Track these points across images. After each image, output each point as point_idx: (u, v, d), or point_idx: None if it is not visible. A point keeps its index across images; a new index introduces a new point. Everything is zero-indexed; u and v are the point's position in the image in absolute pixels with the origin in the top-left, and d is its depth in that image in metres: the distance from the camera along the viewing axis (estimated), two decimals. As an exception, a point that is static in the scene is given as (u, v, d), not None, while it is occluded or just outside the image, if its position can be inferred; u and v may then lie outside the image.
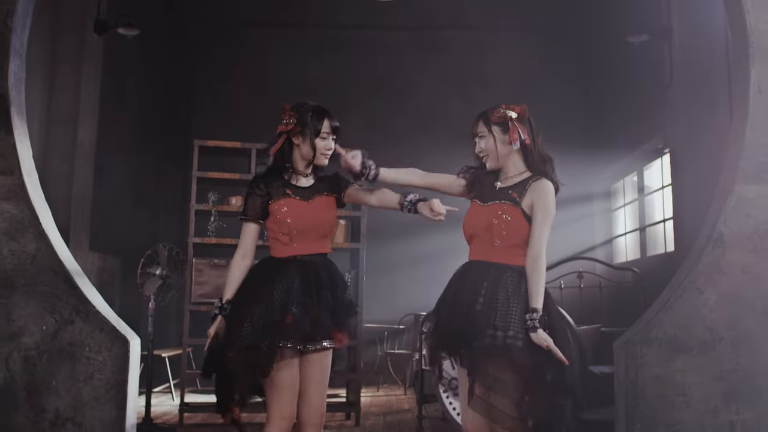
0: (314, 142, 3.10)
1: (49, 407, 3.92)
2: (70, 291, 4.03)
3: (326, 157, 3.14)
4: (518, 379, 2.84)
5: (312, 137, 3.09)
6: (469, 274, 3.01)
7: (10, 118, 4.16)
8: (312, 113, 3.13)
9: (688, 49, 7.21)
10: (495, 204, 3.04)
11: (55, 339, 3.98)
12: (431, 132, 10.24)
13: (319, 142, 3.10)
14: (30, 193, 4.12)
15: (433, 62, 10.65)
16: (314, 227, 3.09)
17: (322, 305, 2.98)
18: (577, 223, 10.05)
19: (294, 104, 3.21)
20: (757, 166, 4.12)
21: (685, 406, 3.92)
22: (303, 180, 3.18)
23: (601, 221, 10.39)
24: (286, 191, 3.10)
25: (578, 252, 9.31)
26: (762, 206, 4.08)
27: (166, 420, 5.64)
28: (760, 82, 4.19)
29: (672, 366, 3.95)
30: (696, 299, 4.01)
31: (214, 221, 5.77)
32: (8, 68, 4.20)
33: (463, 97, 10.34)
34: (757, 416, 3.90)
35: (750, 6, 4.24)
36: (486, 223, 3.02)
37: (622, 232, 9.92)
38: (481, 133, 3.15)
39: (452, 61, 10.64)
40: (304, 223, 3.07)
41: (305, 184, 3.16)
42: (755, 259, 4.03)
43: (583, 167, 9.71)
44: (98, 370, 3.97)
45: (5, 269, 4.02)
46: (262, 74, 10.53)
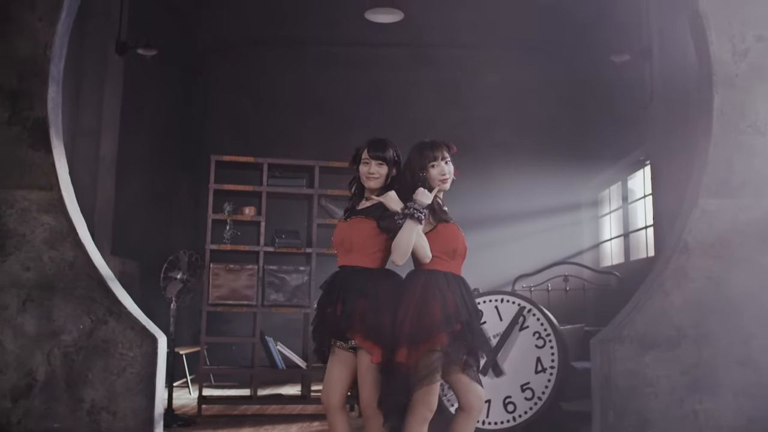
0: (358, 168, 3.32)
1: (86, 398, 4.26)
2: (104, 294, 4.37)
3: (369, 179, 3.26)
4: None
5: (357, 164, 3.33)
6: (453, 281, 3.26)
7: (50, 139, 4.50)
8: (361, 146, 3.37)
9: (666, 70, 7.52)
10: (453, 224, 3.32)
11: (91, 337, 4.31)
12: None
13: (362, 167, 3.29)
14: (67, 206, 4.46)
15: (428, 77, 10.83)
16: (339, 244, 3.28)
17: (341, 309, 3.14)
18: (566, 229, 10.37)
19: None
20: (719, 182, 4.45)
21: (653, 397, 4.25)
22: (363, 203, 3.34)
23: (588, 227, 10.67)
24: (346, 214, 3.35)
25: (568, 256, 9.67)
26: (723, 218, 4.41)
27: (185, 411, 5.96)
28: (722, 105, 4.53)
29: (642, 361, 4.28)
30: (664, 301, 4.35)
31: (230, 229, 6.05)
32: (47, 94, 4.55)
33: (456, 110, 10.63)
34: (718, 406, 4.23)
35: (714, 38, 4.58)
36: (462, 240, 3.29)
37: (607, 238, 10.23)
38: (447, 159, 3.30)
39: (446, 76, 10.82)
40: (336, 239, 3.30)
41: (361, 207, 3.34)
42: (717, 266, 4.37)
43: (572, 177, 10.06)
44: (130, 364, 4.30)
45: (46, 274, 4.36)
46: (268, 89, 10.78)
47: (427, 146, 3.26)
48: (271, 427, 5.38)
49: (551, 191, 10.12)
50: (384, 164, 3.25)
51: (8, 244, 4.36)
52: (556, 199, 10.19)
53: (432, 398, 3.05)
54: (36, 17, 4.58)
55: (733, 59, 4.55)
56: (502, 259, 9.26)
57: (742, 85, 4.52)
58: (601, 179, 10.11)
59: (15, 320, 4.30)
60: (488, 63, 10.70)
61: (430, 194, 3.14)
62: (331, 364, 3.13)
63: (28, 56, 4.55)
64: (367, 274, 3.14)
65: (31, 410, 4.23)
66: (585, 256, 10.32)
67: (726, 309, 4.33)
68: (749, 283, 4.35)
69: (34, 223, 4.39)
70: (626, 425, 4.23)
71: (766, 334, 4.29)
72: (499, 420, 5.04)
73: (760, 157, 4.45)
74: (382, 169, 3.24)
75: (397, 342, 3.03)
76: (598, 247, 10.49)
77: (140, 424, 4.24)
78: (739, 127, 4.49)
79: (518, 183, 10.10)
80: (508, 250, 9.65)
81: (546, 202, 10.11)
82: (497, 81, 10.66)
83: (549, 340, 5.14)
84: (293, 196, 6.38)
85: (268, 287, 5.98)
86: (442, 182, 3.22)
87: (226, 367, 7.47)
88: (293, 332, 7.56)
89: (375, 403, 3.03)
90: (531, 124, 10.49)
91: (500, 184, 10.14)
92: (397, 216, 3.09)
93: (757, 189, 4.41)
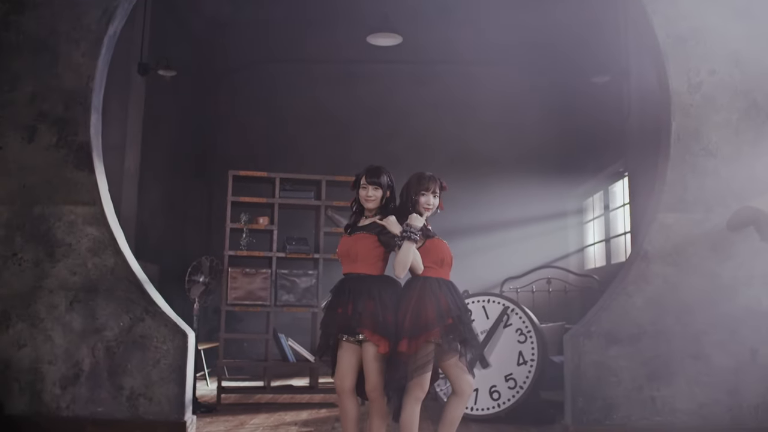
0: (358, 191, 3.85)
1: (125, 385, 4.76)
2: (141, 295, 4.89)
3: (368, 201, 3.76)
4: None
5: (357, 188, 3.85)
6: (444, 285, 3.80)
7: (92, 161, 5.01)
8: (360, 173, 3.86)
9: (641, 90, 8.03)
10: (438, 238, 3.84)
11: (130, 332, 4.82)
12: (425, 153, 10.80)
13: (361, 191, 3.80)
14: (108, 219, 4.97)
15: (427, 92, 11.22)
16: (345, 255, 3.77)
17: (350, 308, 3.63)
18: (553, 235, 10.89)
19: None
20: (675, 199, 4.95)
21: (616, 385, 4.76)
22: (364, 221, 3.82)
23: (574, 233, 11.16)
24: (348, 230, 3.85)
25: (555, 259, 10.19)
26: (678, 230, 4.91)
27: (205, 400, 6.48)
28: (679, 131, 5.03)
29: (607, 354, 4.79)
30: (626, 302, 4.86)
31: (246, 237, 6.55)
32: (90, 121, 5.05)
33: (453, 123, 11.10)
34: (672, 393, 4.74)
35: (672, 72, 5.09)
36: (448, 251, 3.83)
37: (591, 243, 10.76)
38: (435, 192, 3.79)
39: (443, 91, 11.21)
40: (341, 251, 3.79)
41: (362, 224, 3.81)
42: (673, 272, 4.87)
43: (559, 187, 10.59)
44: (163, 356, 4.80)
45: (90, 278, 4.88)
46: (275, 104, 11.21)
47: (424, 178, 3.78)
48: (283, 413, 5.89)
49: (540, 199, 10.63)
50: (379, 188, 3.76)
51: (57, 252, 4.88)
52: (544, 206, 10.71)
53: (426, 382, 3.58)
54: (80, 53, 5.08)
55: (688, 91, 5.05)
56: (494, 262, 9.76)
57: (696, 113, 5.02)
58: (585, 189, 10.62)
59: (64, 318, 4.81)
60: (482, 80, 11.10)
61: (421, 218, 3.68)
62: (341, 355, 3.64)
63: (73, 88, 5.04)
64: (372, 281, 3.66)
65: (78, 396, 4.74)
66: (571, 259, 10.84)
67: (681, 309, 4.82)
68: (701, 287, 4.84)
69: (80, 234, 4.91)
70: (593, 410, 4.74)
71: (715, 332, 4.78)
72: (485, 407, 5.57)
73: (711, 177, 4.95)
74: (378, 192, 3.76)
75: (399, 335, 3.56)
76: (583, 251, 11.01)
77: (173, 409, 4.74)
78: (693, 151, 4.99)
79: (509, 192, 10.57)
80: (499, 253, 10.13)
81: (535, 210, 10.63)
82: (490, 96, 11.05)
83: (530, 336, 5.67)
84: (302, 207, 6.85)
85: (280, 289, 6.49)
86: (425, 210, 3.75)
87: (242, 361, 7.98)
88: (301, 329, 8.05)
89: (380, 387, 3.55)
90: (521, 137, 10.92)
91: (493, 192, 10.63)
92: (396, 238, 3.62)
93: (708, 205, 4.91)
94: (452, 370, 3.66)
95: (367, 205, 3.78)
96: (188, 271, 6.14)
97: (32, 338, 4.79)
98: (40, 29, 5.12)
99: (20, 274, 4.86)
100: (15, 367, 4.75)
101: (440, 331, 3.57)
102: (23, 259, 4.88)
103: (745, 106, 5.04)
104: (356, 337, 3.57)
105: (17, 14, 5.13)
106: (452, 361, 3.64)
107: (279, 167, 7.75)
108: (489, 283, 8.75)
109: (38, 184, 4.95)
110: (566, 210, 11.08)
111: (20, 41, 5.11)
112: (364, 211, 3.83)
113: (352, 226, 3.85)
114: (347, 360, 3.60)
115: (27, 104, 5.03)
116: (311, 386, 6.75)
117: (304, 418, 5.74)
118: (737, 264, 4.85)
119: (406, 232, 3.60)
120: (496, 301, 5.80)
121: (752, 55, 5.09)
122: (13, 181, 4.95)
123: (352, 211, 3.93)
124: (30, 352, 4.77)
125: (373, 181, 3.76)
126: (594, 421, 4.73)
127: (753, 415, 4.72)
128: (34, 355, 4.77)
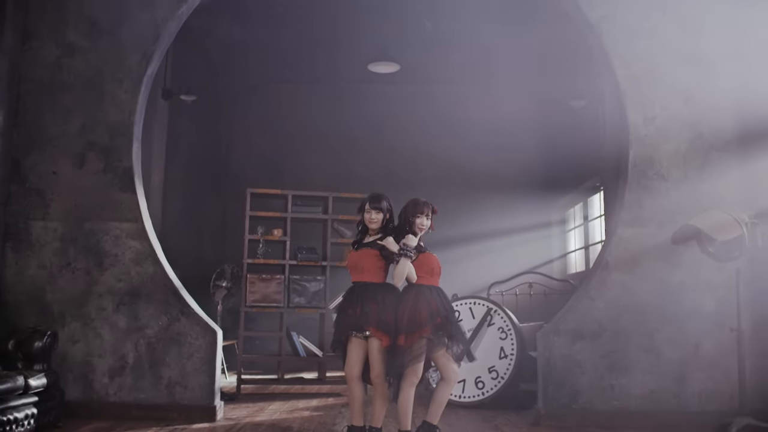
0: (363, 215, 4.51)
1: (164, 375, 5.43)
2: (177, 299, 5.55)
3: (371, 223, 4.42)
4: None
5: (362, 212, 4.51)
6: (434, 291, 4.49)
7: (134, 184, 5.66)
8: (364, 200, 4.54)
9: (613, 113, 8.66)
10: (428, 253, 4.52)
11: (168, 330, 5.49)
12: (420, 168, 11.45)
13: (365, 214, 4.46)
14: (148, 234, 5.62)
15: (422, 113, 11.75)
16: (353, 267, 4.44)
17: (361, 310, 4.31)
18: (538, 242, 11.54)
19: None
20: (632, 216, 5.62)
21: (581, 375, 5.43)
22: (368, 238, 4.46)
23: (557, 241, 11.84)
24: (355, 246, 4.52)
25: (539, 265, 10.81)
26: (635, 243, 5.57)
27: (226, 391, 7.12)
28: (636, 159, 5.69)
29: (573, 348, 5.46)
30: (590, 305, 5.53)
31: (262, 247, 7.20)
32: (132, 149, 5.71)
33: (447, 140, 11.67)
34: (628, 381, 5.41)
35: (629, 107, 5.76)
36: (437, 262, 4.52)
37: (572, 249, 11.44)
38: (428, 215, 4.44)
39: (437, 112, 11.74)
40: (350, 263, 4.47)
41: (366, 241, 4.46)
42: (629, 279, 5.54)
43: (543, 199, 11.25)
44: (196, 351, 5.47)
45: (133, 284, 5.54)
46: (283, 122, 11.77)
47: (419, 203, 4.45)
48: (296, 401, 6.56)
49: (526, 210, 11.27)
50: (380, 212, 4.44)
51: (105, 262, 5.56)
52: (530, 217, 11.35)
53: (419, 370, 4.27)
54: (123, 91, 5.75)
55: (644, 124, 5.72)
56: (483, 267, 10.31)
57: (650, 143, 5.69)
58: (566, 200, 11.30)
59: (111, 318, 5.49)
60: (473, 102, 11.63)
61: (415, 239, 4.37)
62: (350, 348, 4.31)
63: (117, 121, 5.71)
64: (375, 287, 4.34)
65: (123, 385, 5.41)
66: (554, 264, 11.51)
67: (636, 310, 5.49)
68: (653, 292, 5.52)
69: (124, 247, 5.58)
70: (562, 396, 5.42)
71: (665, 330, 5.46)
72: (471, 395, 6.25)
73: (663, 198, 5.62)
74: (379, 215, 4.44)
75: (398, 332, 4.25)
76: (565, 258, 11.68)
77: (204, 395, 5.41)
78: (647, 175, 5.66)
79: (498, 204, 11.24)
80: (487, 260, 10.70)
81: (521, 220, 11.26)
82: (482, 115, 11.57)
83: (510, 334, 6.35)
84: (312, 220, 7.44)
85: (293, 292, 7.15)
86: (419, 230, 4.44)
87: (258, 356, 8.63)
88: (309, 328, 8.62)
89: (382, 374, 4.24)
90: (509, 154, 11.48)
91: (483, 204, 11.26)
92: (395, 255, 4.31)
93: (660, 222, 5.58)
94: (441, 360, 4.34)
95: (371, 226, 4.46)
96: (213, 277, 6.80)
97: (84, 335, 5.46)
98: (88, 70, 5.79)
99: (74, 281, 5.54)
100: (70, 360, 5.42)
101: (431, 329, 4.26)
102: (76, 268, 5.55)
103: (692, 136, 5.71)
104: (363, 333, 4.25)
105: (69, 57, 5.81)
106: (441, 353, 4.32)
107: (287, 180, 8.39)
108: (477, 286, 9.26)
109: (88, 204, 5.62)
110: (550, 220, 11.74)
111: (72, 81, 5.78)
112: (368, 230, 4.51)
113: (358, 242, 4.53)
114: (356, 352, 4.29)
115: (77, 135, 5.71)
116: (320, 378, 7.42)
117: (315, 404, 6.41)
118: (684, 272, 5.53)
119: (403, 251, 4.29)
120: (481, 303, 6.49)
121: (698, 93, 5.76)
122: (66, 201, 5.63)
123: (358, 230, 4.61)
124: (82, 347, 5.45)
125: (375, 206, 4.44)
126: (562, 405, 5.41)
127: (696, 400, 5.40)
128: (86, 350, 5.45)
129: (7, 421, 4.30)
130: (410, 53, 10.08)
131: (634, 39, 5.81)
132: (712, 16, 5.85)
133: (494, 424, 5.51)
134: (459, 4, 8.74)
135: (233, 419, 5.54)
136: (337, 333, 4.43)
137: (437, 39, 9.61)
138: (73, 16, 5.84)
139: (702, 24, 5.84)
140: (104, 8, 5.84)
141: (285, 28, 10.06)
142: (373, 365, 4.25)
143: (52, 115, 5.73)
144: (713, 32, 5.83)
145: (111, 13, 5.83)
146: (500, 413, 5.95)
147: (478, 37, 9.98)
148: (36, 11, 5.85)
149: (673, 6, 5.86)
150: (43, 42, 5.82)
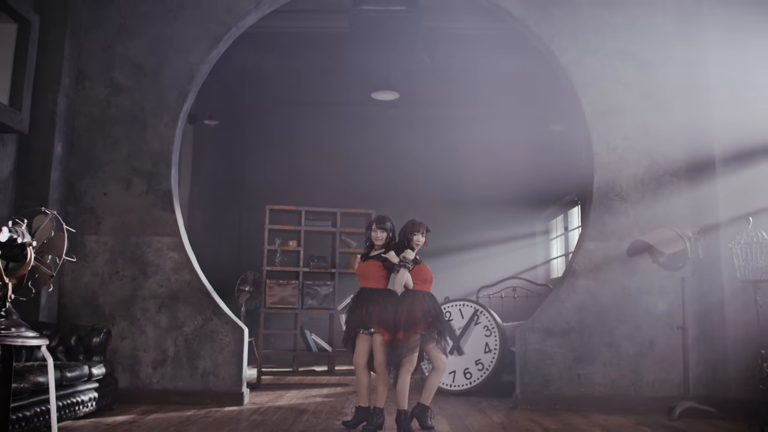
0: (370, 233, 5.22)
1: (199, 366, 6.10)
2: (210, 301, 6.23)
3: (377, 240, 5.11)
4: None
5: (369, 230, 5.22)
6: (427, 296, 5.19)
7: (173, 204, 6.33)
8: (372, 221, 5.25)
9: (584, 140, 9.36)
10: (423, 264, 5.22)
11: (202, 329, 6.17)
12: (418, 185, 12.03)
13: (372, 233, 5.16)
14: (185, 246, 6.30)
15: (421, 134, 12.25)
16: (361, 275, 5.14)
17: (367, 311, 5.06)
18: (524, 250, 12.14)
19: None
20: (596, 232, 6.29)
21: (552, 366, 6.10)
22: (374, 252, 5.13)
23: (541, 249, 12.45)
24: (363, 258, 5.21)
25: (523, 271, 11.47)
26: (598, 254, 6.24)
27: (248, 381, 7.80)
28: (599, 182, 6.37)
29: (545, 343, 6.13)
30: (560, 306, 6.21)
31: (279, 256, 7.90)
32: (171, 175, 6.39)
33: (443, 159, 12.23)
34: (593, 372, 6.08)
35: (594, 138, 6.44)
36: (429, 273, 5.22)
37: (554, 257, 12.11)
38: (423, 233, 5.14)
39: (435, 133, 12.23)
40: (359, 272, 5.17)
41: (372, 254, 5.14)
42: (594, 284, 6.22)
43: (528, 212, 11.89)
44: (227, 346, 6.14)
45: (172, 290, 6.23)
46: (295, 143, 12.32)
47: (416, 224, 5.14)
48: (309, 390, 7.23)
49: (513, 222, 11.89)
50: (384, 231, 5.15)
51: (148, 271, 6.25)
52: (517, 228, 11.97)
53: (414, 360, 4.96)
54: (163, 124, 6.44)
55: (607, 152, 6.40)
56: (473, 274, 10.89)
57: (613, 169, 6.37)
58: (549, 213, 11.94)
59: (154, 318, 6.17)
60: (466, 124, 12.14)
61: (412, 253, 5.08)
62: (358, 343, 5.00)
63: (158, 150, 6.39)
64: (379, 293, 5.05)
65: (165, 375, 6.08)
66: (539, 270, 12.15)
67: (599, 311, 6.15)
68: (614, 295, 6.17)
69: (165, 257, 6.28)
70: (535, 383, 6.07)
71: (623, 327, 6.11)
72: (460, 384, 6.93)
73: (623, 216, 6.30)
74: (384, 234, 5.15)
75: (397, 328, 4.95)
76: (548, 264, 12.35)
77: (233, 383, 6.09)
78: (609, 196, 6.34)
79: (488, 216, 11.80)
80: (477, 267, 11.26)
81: (508, 231, 11.89)
82: (474, 135, 12.06)
83: (494, 332, 7.03)
84: (322, 232, 8.06)
85: (306, 296, 7.82)
86: (416, 246, 5.15)
87: (276, 351, 9.29)
88: (320, 327, 9.25)
89: (384, 363, 4.95)
90: (498, 171, 12.00)
91: (474, 216, 11.86)
92: (395, 266, 5.02)
93: (620, 236, 6.25)
94: (432, 352, 5.05)
95: (376, 243, 5.17)
96: (237, 282, 7.50)
97: (131, 333, 6.14)
98: (133, 107, 6.47)
99: (122, 287, 6.22)
100: (120, 354, 6.11)
101: (424, 326, 4.97)
102: (124, 276, 6.24)
103: (649, 163, 6.38)
104: (368, 330, 4.97)
105: (116, 96, 6.50)
106: (432, 346, 5.03)
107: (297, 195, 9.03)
108: (468, 290, 9.88)
109: (134, 221, 6.30)
110: (535, 230, 12.37)
111: (119, 115, 6.46)
112: (374, 245, 5.23)
113: (365, 255, 5.24)
114: (362, 346, 5.00)
115: (124, 162, 6.38)
116: (329, 371, 8.10)
117: (325, 392, 7.08)
118: (640, 279, 6.20)
119: (402, 263, 5.00)
120: (469, 305, 7.19)
121: (655, 126, 6.42)
122: (115, 219, 6.32)
123: (366, 245, 5.32)
124: (130, 343, 6.13)
125: (381, 227, 5.16)
126: (536, 392, 6.07)
127: (650, 387, 6.07)
128: (133, 345, 6.13)
129: (76, 402, 5.01)
130: (410, 83, 10.63)
131: (599, 80, 6.49)
132: (667, 59, 6.49)
133: (479, 408, 6.14)
134: (454, 40, 9.42)
135: (257, 403, 6.22)
136: (347, 331, 5.14)
137: (434, 71, 10.21)
138: (119, 59, 6.51)
139: (659, 66, 6.47)
140: (146, 53, 6.51)
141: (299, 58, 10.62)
142: (377, 356, 4.96)
143: (103, 146, 6.39)
144: (668, 73, 6.47)
145: (152, 58, 6.51)
146: (485, 399, 6.57)
147: (470, 69, 10.60)
148: (88, 55, 6.52)
149: (633, 52, 6.51)
150: (94, 82, 6.49)
